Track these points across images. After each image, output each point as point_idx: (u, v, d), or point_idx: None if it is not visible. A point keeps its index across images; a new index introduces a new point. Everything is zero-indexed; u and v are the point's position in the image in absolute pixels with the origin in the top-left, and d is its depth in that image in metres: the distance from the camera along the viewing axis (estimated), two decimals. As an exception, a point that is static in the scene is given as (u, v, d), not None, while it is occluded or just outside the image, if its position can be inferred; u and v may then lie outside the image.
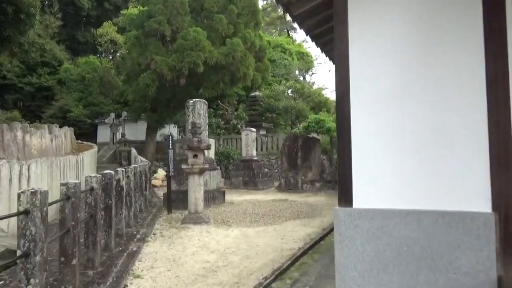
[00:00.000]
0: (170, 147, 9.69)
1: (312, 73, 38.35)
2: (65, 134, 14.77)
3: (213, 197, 10.72)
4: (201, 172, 8.39)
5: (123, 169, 6.65)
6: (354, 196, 3.07)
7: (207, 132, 11.30)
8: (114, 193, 5.84)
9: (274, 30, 39.51)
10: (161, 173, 16.69)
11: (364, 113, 3.09)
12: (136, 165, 8.67)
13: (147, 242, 6.59)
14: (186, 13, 17.32)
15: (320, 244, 6.13)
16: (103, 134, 25.88)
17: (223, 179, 17.54)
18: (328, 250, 5.68)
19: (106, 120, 25.08)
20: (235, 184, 15.36)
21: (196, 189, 8.31)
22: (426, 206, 2.82)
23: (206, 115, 11.27)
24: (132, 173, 7.77)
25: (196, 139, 8.32)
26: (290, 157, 14.76)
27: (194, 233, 7.33)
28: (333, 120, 14.76)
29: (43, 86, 26.76)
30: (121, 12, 28.47)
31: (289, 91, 22.81)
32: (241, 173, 15.71)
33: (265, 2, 41.23)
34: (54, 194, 5.93)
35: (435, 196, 2.81)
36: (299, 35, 56.68)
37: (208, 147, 8.52)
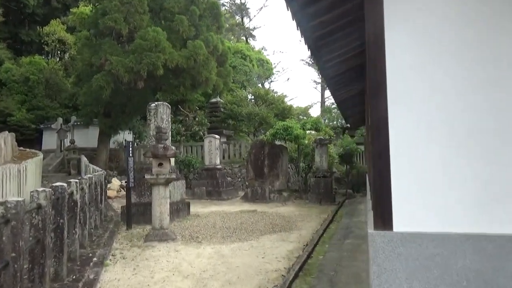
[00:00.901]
0: (130, 155, 8.66)
1: (271, 81, 38.20)
2: (5, 140, 13.09)
3: (178, 209, 9.77)
4: (167, 182, 7.48)
5: (76, 180, 5.62)
6: (395, 216, 2.42)
7: (170, 138, 10.36)
8: (67, 209, 4.83)
9: (233, 37, 38.94)
10: (115, 183, 15.36)
11: (406, 112, 2.47)
12: (90, 175, 7.58)
13: (106, 266, 5.58)
14: (145, 12, 16.23)
15: (308, 264, 5.46)
16: (49, 140, 23.78)
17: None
18: (321, 271, 5.03)
19: (52, 126, 23.07)
20: (198, 194, 14.41)
21: (162, 202, 7.37)
22: (492, 229, 2.23)
23: (170, 119, 10.34)
24: (87, 184, 6.70)
25: (162, 145, 7.41)
26: (256, 165, 14.10)
27: (161, 252, 6.41)
28: (300, 127, 14.34)
29: (-21, 87, 24.20)
30: (70, 10, 26.60)
31: (251, 97, 22.25)
32: (204, 182, 14.79)
33: (223, 8, 40.66)
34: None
35: (504, 216, 2.23)
36: (258, 42, 56.70)
37: (175, 155, 7.64)
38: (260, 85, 31.51)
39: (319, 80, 42.22)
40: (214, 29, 18.77)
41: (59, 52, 27.87)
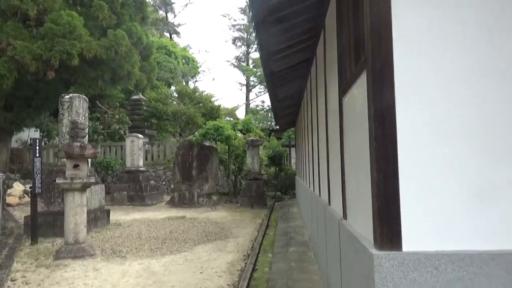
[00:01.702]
0: (37, 155, 7.28)
1: (196, 80, 37.12)
2: None
3: (96, 218, 8.53)
4: (85, 188, 6.35)
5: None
6: (404, 232, 1.92)
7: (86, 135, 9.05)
8: None
9: (156, 32, 37.10)
10: (18, 188, 13.29)
11: (418, 103, 1.98)
12: (-17, 180, 6.15)
13: (2, 295, 4.41)
14: (58, -7, 14.34)
15: (255, 279, 4.86)
16: None
17: (101, 193, 14.91)
18: (273, 287, 4.45)
19: None
20: (118, 199, 13.04)
21: (77, 211, 6.22)
22: (524, 247, 1.83)
23: (87, 115, 9.05)
24: (-22, 191, 5.34)
25: (78, 144, 6.27)
26: (184, 167, 13.18)
27: (76, 273, 5.32)
28: (231, 127, 13.75)
29: None
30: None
31: (177, 95, 21.13)
32: (125, 186, 13.45)
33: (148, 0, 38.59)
34: None
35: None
36: (183, 40, 55.08)
37: (95, 155, 6.52)
38: (184, 83, 30.34)
39: (244, 82, 42.25)
40: (138, 19, 17.36)
41: None
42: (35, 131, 19.99)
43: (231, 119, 22.89)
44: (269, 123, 23.48)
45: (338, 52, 3.32)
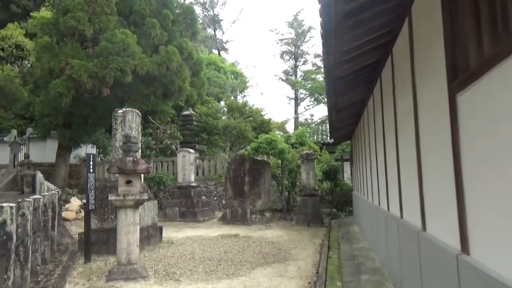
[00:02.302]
0: (91, 170, 7.11)
1: (244, 95, 37.14)
2: None
3: (148, 236, 8.22)
4: (138, 205, 6.00)
5: (10, 204, 4.08)
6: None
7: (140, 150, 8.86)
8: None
9: (205, 49, 37.79)
10: (75, 203, 13.51)
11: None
12: (38, 196, 5.98)
13: (51, 323, 4.05)
14: (112, 12, 14.75)
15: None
16: (1, 155, 21.38)
17: (154, 209, 14.85)
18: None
19: (5, 138, 20.80)
20: (170, 215, 12.82)
21: (130, 229, 5.87)
22: None
23: (140, 129, 8.88)
24: (31, 208, 5.13)
25: (131, 158, 5.96)
26: (236, 183, 12.73)
27: (128, 298, 4.91)
28: (284, 140, 13.17)
29: None
30: (31, 15, 24.56)
31: (226, 110, 20.98)
32: (177, 202, 13.23)
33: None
34: None
35: None
36: (231, 56, 55.84)
37: (148, 170, 6.19)
38: (233, 98, 30.38)
39: (293, 96, 41.70)
40: (188, 35, 17.51)
41: (16, 58, 25.52)
42: (91, 147, 20.64)
43: (281, 133, 22.36)
44: (320, 136, 22.60)
45: (446, 35, 2.62)
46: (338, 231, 10.38)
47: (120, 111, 8.36)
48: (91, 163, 7.13)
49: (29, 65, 24.11)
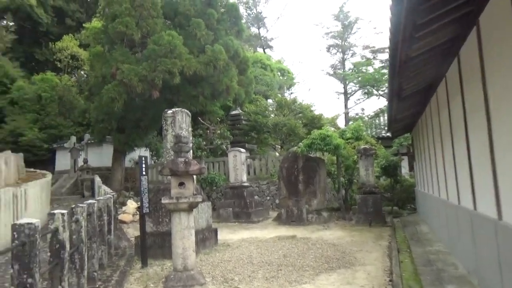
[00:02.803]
0: (144, 173, 6.94)
1: (292, 92, 36.45)
2: (6, 161, 11.61)
3: (204, 238, 7.95)
4: (191, 208, 5.68)
5: (62, 211, 3.88)
6: None
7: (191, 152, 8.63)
8: (37, 261, 3.06)
9: (250, 48, 37.60)
10: (131, 205, 13.68)
11: None
12: (92, 201, 5.87)
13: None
14: (158, 15, 14.82)
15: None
16: (63, 160, 22.49)
17: (207, 210, 14.73)
18: None
19: (65, 145, 21.81)
20: (223, 216, 12.59)
21: (184, 234, 5.56)
22: None
23: (190, 130, 8.64)
24: (85, 214, 4.97)
25: (182, 159, 5.65)
26: (290, 181, 12.22)
27: (186, 309, 4.57)
28: (339, 135, 12.45)
29: (-9, 107, 23.20)
30: (84, 26, 25.64)
31: (274, 107, 20.50)
32: (230, 202, 12.98)
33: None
34: None
35: None
36: (276, 53, 55.39)
37: (200, 171, 5.85)
38: (280, 95, 29.86)
39: (342, 90, 40.37)
40: (233, 33, 17.25)
41: (72, 67, 26.79)
42: (145, 150, 21.06)
43: (333, 128, 21.50)
44: (375, 130, 21.46)
45: None
46: (404, 231, 9.53)
47: (169, 111, 8.17)
48: (144, 165, 6.95)
49: (84, 74, 25.16)
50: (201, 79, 15.60)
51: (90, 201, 5.76)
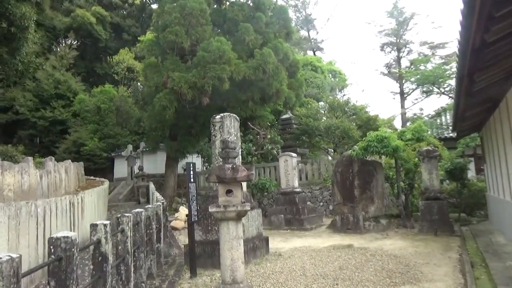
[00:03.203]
0: (192, 180, 6.76)
1: (344, 94, 35.33)
2: (67, 169, 12.14)
3: (254, 247, 7.62)
4: (240, 216, 5.37)
5: (105, 222, 3.71)
6: None
7: (240, 157, 8.37)
8: (74, 277, 2.87)
9: (300, 51, 37.07)
10: (183, 212, 13.73)
11: None
12: (140, 210, 5.75)
13: None
14: (207, 23, 14.88)
15: None
16: (120, 168, 23.43)
17: (258, 216, 14.43)
18: None
19: (122, 153, 22.69)
20: (275, 223, 12.20)
21: (233, 244, 5.25)
22: None
23: (239, 135, 8.39)
24: (130, 224, 4.82)
25: (230, 165, 5.36)
26: (344, 186, 11.56)
27: (235, 327, 4.23)
28: (397, 137, 11.60)
29: (57, 119, 24.81)
30: (138, 39, 26.70)
31: (326, 110, 19.81)
32: (282, 209, 12.57)
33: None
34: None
35: None
36: (327, 55, 54.31)
37: (249, 177, 5.53)
38: (332, 98, 29.00)
39: (397, 90, 38.48)
40: (282, 35, 16.96)
41: (128, 80, 28.00)
42: (197, 157, 21.30)
43: (389, 130, 20.36)
44: (436, 131, 20.01)
45: None
46: (477, 242, 8.54)
47: (218, 116, 7.98)
48: (192, 172, 6.78)
49: (139, 85, 26.14)
50: (250, 83, 15.43)
51: (137, 210, 5.65)
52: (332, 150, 17.80)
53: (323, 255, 7.72)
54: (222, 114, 8.00)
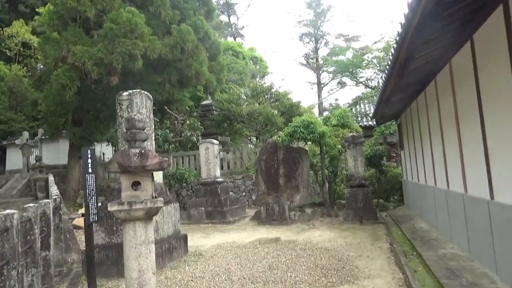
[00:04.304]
0: (89, 170, 5.40)
1: (265, 82, 35.05)
2: None
3: (170, 248, 6.51)
4: (150, 215, 4.23)
5: None
6: None
7: (153, 143, 7.13)
8: None
9: (220, 36, 35.86)
10: (87, 208, 11.93)
11: None
12: (11, 211, 4.29)
13: None
14: (117, -9, 13.03)
15: None
16: (14, 159, 20.22)
17: (176, 209, 13.20)
18: None
19: (17, 141, 19.57)
20: (195, 217, 11.13)
21: (141, 251, 4.11)
22: None
23: (152, 116, 7.13)
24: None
25: (137, 150, 4.19)
26: (269, 175, 10.92)
27: None
28: (323, 122, 11.24)
29: None
30: (37, 11, 23.19)
31: (249, 94, 19.08)
32: (202, 201, 11.53)
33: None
34: None
35: None
36: (247, 42, 53.79)
37: (162, 166, 4.38)
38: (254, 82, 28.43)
39: (315, 80, 39.51)
40: (203, 13, 15.69)
41: (24, 57, 24.23)
42: (107, 145, 19.21)
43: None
44: (354, 118, 20.48)
45: None
46: (401, 229, 8.43)
47: (125, 93, 6.62)
48: (89, 161, 5.41)
49: (37, 63, 22.80)
50: (167, 63, 14.00)
51: (7, 211, 4.18)
52: (255, 138, 17.18)
53: (250, 253, 6.90)
54: (130, 91, 6.66)
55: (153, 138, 7.04)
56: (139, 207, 4.09)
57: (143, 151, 4.24)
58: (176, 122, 14.52)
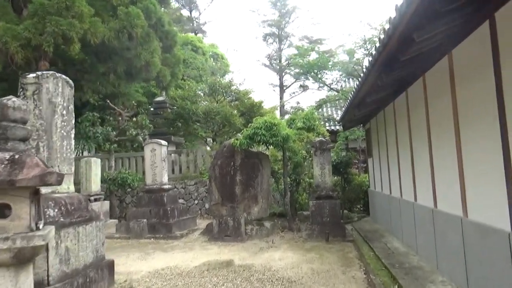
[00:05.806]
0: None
1: (225, 80, 33.58)
2: None
3: (85, 283, 4.91)
4: (22, 260, 2.70)
5: None
6: None
7: (72, 143, 5.49)
8: None
9: (182, 32, 34.04)
10: None
11: None
12: None
13: None
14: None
15: None
16: None
17: (116, 220, 11.48)
18: None
19: None
20: (135, 230, 9.48)
21: (5, 316, 2.57)
22: None
23: (72, 107, 5.50)
24: None
25: (6, 155, 2.67)
26: (224, 183, 9.52)
27: None
28: (287, 125, 10.00)
29: None
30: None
31: (206, 92, 17.58)
32: (145, 211, 9.91)
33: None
34: None
35: None
36: (209, 39, 52.04)
37: (44, 180, 2.84)
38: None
39: (277, 82, 38.60)
40: (156, -3, 14.02)
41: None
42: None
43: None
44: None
45: None
46: (373, 249, 7.31)
47: (31, 75, 4.97)
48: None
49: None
50: (113, 51, 12.26)
51: None
52: (211, 140, 15.73)
53: (194, 283, 5.45)
54: (39, 73, 5.02)
55: (72, 137, 5.42)
56: (4, 246, 2.56)
57: (16, 156, 2.72)
58: (120, 118, 12.74)
